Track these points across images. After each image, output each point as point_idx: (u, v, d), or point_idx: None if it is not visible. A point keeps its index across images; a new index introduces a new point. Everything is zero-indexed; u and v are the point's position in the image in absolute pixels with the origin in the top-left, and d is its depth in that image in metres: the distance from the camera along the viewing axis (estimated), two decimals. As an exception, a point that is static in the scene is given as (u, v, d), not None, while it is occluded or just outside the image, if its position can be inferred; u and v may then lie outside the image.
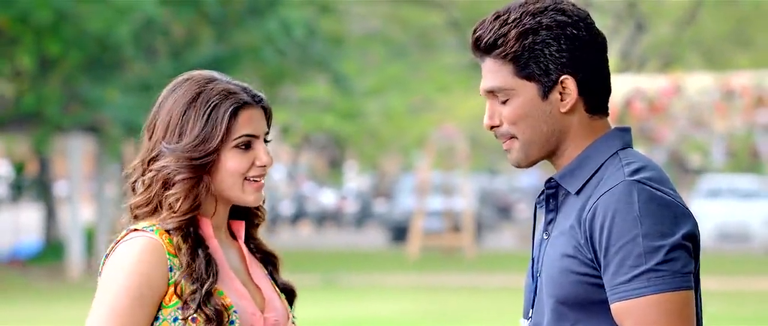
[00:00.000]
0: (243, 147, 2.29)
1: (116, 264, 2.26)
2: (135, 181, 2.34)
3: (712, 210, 23.37)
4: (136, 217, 2.32)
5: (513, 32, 2.10)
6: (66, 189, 22.06)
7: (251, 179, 2.30)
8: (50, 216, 21.10)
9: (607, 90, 2.16)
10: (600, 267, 2.05)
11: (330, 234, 28.38)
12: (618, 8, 24.99)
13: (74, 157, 18.12)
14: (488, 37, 2.12)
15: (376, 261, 20.35)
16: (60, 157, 22.27)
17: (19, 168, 24.01)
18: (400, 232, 24.37)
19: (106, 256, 2.29)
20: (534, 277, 2.16)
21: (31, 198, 24.81)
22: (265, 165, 2.30)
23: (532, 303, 2.15)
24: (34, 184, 23.53)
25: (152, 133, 2.32)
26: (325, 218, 31.10)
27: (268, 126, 2.34)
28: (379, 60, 25.49)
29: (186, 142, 2.28)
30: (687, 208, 2.08)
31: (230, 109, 2.28)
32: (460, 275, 17.54)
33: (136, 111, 17.24)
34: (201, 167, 2.28)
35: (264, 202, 2.37)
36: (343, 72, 21.25)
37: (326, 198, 32.00)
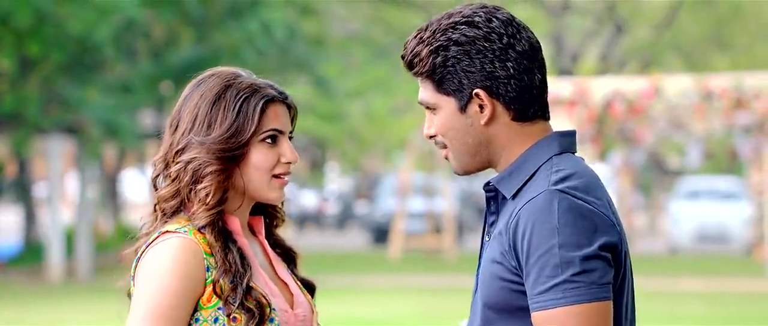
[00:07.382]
0: (270, 141, 2.28)
1: (154, 266, 2.21)
2: (157, 176, 2.30)
3: (691, 212, 23.45)
4: (163, 212, 2.27)
5: (425, 51, 2.14)
6: (46, 191, 21.99)
7: (277, 176, 2.29)
8: (30, 217, 21.01)
9: (536, 95, 2.12)
10: (523, 274, 2.06)
11: (311, 235, 28.34)
12: (597, 10, 25.05)
13: (54, 158, 18.05)
14: (408, 56, 2.17)
15: (357, 262, 20.34)
16: (40, 158, 22.19)
17: (-2, 169, 23.90)
18: (381, 234, 24.37)
19: (138, 260, 2.25)
20: (476, 279, 2.18)
21: (11, 199, 24.71)
22: (290, 162, 2.30)
23: (471, 304, 2.18)
24: (14, 186, 23.43)
25: (176, 127, 2.28)
26: (307, 219, 31.06)
27: (292, 124, 2.34)
28: (361, 61, 25.47)
29: (217, 134, 2.25)
30: (610, 218, 2.07)
31: (261, 103, 2.28)
32: (441, 276, 17.56)
33: (116, 112, 17.19)
34: (231, 159, 2.26)
35: (283, 204, 2.36)
36: (325, 73, 21.23)
37: (307, 199, 31.96)
